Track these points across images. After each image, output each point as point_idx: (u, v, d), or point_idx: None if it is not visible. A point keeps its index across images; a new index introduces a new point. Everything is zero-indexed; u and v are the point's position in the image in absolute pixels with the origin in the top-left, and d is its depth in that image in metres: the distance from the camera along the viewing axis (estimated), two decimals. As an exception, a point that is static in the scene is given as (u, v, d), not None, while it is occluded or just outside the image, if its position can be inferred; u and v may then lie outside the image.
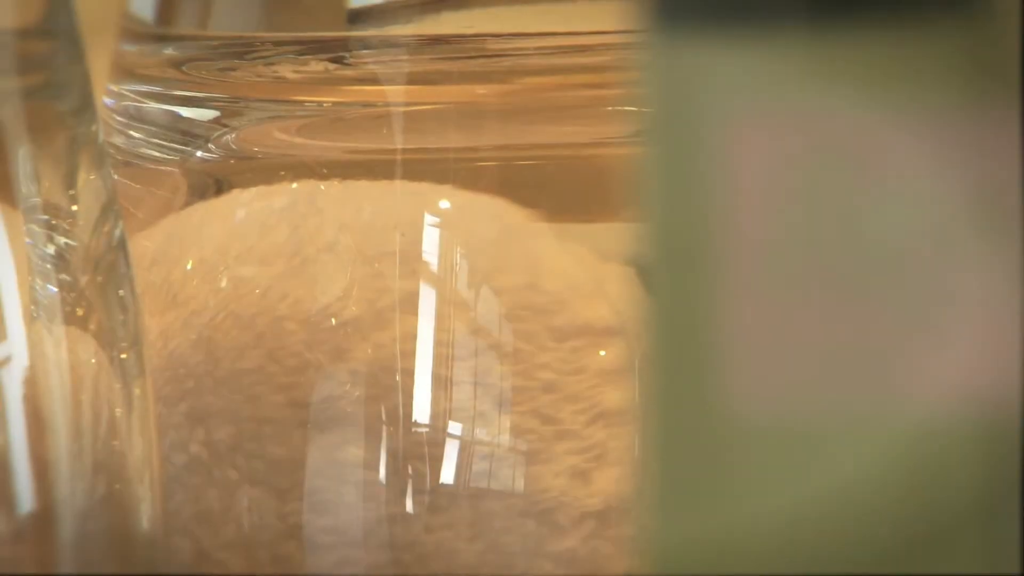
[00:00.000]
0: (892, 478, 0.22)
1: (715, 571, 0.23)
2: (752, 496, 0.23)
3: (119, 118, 0.38)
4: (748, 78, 0.23)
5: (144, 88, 0.36)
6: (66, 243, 0.31)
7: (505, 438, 0.34)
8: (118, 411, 0.33)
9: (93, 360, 0.31)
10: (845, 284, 0.22)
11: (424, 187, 0.34)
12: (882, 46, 0.22)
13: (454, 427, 0.34)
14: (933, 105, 0.22)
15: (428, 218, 0.34)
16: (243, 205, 0.35)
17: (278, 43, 0.35)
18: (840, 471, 0.23)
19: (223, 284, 0.34)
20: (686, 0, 0.23)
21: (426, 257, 0.34)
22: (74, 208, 0.31)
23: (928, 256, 0.22)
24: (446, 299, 0.34)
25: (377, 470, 0.34)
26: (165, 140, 0.36)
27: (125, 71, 0.36)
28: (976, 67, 0.23)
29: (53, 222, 0.31)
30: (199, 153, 0.35)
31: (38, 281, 0.32)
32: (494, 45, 0.34)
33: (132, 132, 0.38)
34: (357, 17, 0.35)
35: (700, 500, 0.23)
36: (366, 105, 0.35)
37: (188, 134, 0.36)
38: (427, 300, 0.34)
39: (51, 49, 0.32)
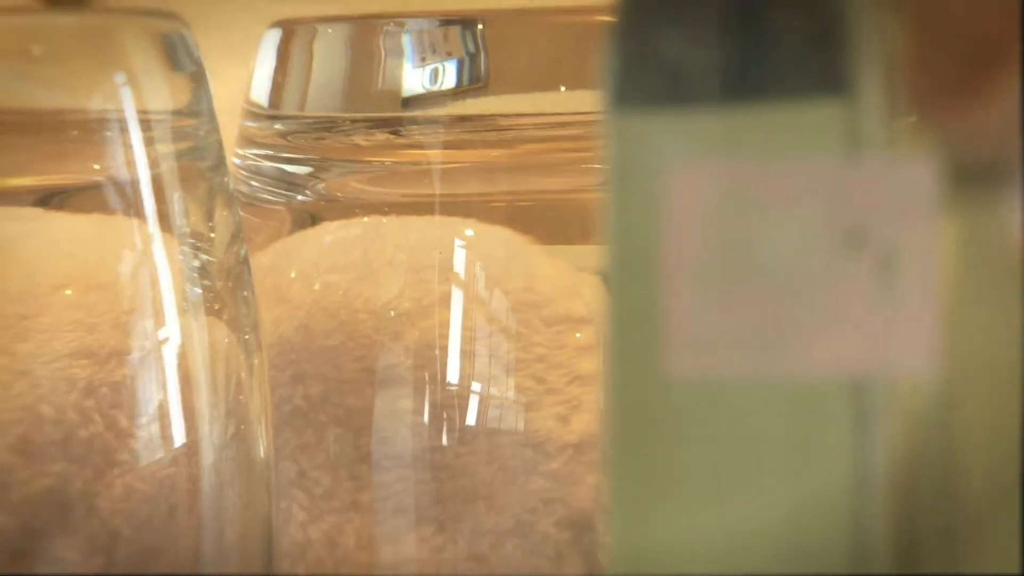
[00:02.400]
0: (786, 425, 0.23)
1: (660, 495, 0.23)
2: (685, 434, 0.23)
3: (243, 172, 0.38)
4: (677, 143, 0.23)
5: (261, 152, 0.36)
6: (207, 259, 0.31)
7: (510, 394, 0.34)
8: (242, 375, 0.33)
9: (226, 340, 0.31)
10: (751, 288, 0.23)
11: (454, 220, 0.34)
12: (775, 119, 0.23)
13: (475, 386, 0.34)
14: (813, 161, 0.23)
15: (457, 242, 0.34)
16: (330, 233, 0.35)
17: (354, 120, 0.35)
18: (748, 419, 0.23)
19: (316, 287, 0.34)
20: (632, 89, 0.23)
21: (456, 269, 0.34)
22: (212, 235, 0.31)
23: (809, 268, 0.23)
24: (470, 298, 0.34)
25: (422, 415, 0.34)
26: (275, 188, 0.36)
27: (248, 140, 0.36)
28: (846, 134, 0.23)
29: (198, 245, 0.31)
30: (299, 197, 0.36)
31: (187, 285, 0.32)
32: (503, 122, 0.34)
33: (252, 182, 0.38)
34: (408, 103, 0.35)
35: (648, 437, 0.24)
36: (414, 164, 0.35)
37: (291, 184, 0.36)
38: (457, 299, 0.34)
39: (195, 124, 0.31)
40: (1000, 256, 0.22)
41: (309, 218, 0.35)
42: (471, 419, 0.34)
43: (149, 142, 0.29)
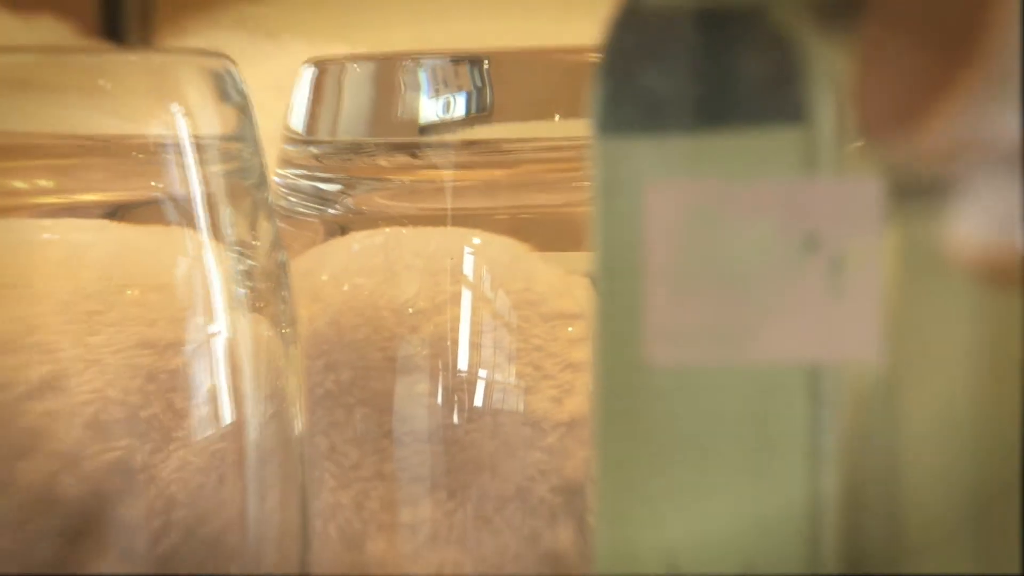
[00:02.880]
0: (748, 405, 0.24)
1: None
2: (662, 412, 0.25)
3: (283, 189, 0.37)
4: (653, 164, 0.24)
5: (298, 172, 0.37)
6: (251, 264, 0.32)
7: (512, 379, 0.34)
8: (281, 363, 0.31)
9: (267, 334, 0.32)
10: (718, 287, 0.24)
11: (464, 231, 0.35)
12: (739, 144, 0.24)
13: (482, 372, 0.34)
14: (773, 180, 0.23)
15: (467, 249, 0.35)
16: (357, 241, 0.36)
17: (377, 145, 0.36)
18: (716, 400, 0.24)
19: (345, 288, 0.35)
20: (615, 118, 0.24)
21: (465, 272, 0.35)
22: (255, 243, 0.32)
23: (769, 270, 0.24)
24: (477, 297, 0.34)
25: (436, 397, 0.34)
26: (310, 203, 0.37)
27: (286, 161, 0.37)
28: (802, 156, 0.23)
29: (243, 251, 0.32)
30: (330, 210, 0.36)
31: (234, 286, 0.32)
32: (506, 146, 0.35)
33: (290, 198, 0.38)
34: (424, 129, 0.35)
35: (630, 415, 0.25)
36: (430, 182, 0.36)
37: (324, 199, 0.36)
38: (466, 298, 0.34)
39: (241, 148, 0.31)
40: (935, 259, 0.23)
41: (339, 229, 0.36)
42: (478, 401, 0.34)
43: (201, 163, 0.30)
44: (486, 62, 0.35)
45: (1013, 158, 0.22)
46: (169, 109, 0.30)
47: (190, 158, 0.30)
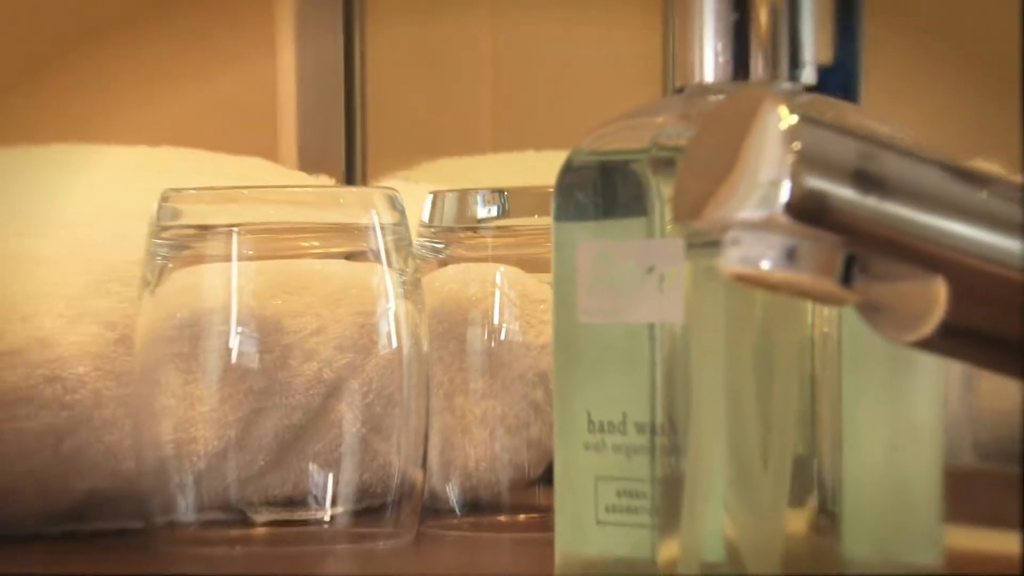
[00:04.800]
0: (623, 342, 0.31)
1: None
2: (582, 344, 0.32)
3: (419, 246, 0.48)
4: (580, 234, 0.31)
5: (424, 239, 0.48)
6: (405, 278, 0.44)
7: (517, 327, 0.47)
8: (417, 321, 0.43)
9: (411, 308, 0.43)
10: (609, 289, 0.30)
11: (496, 265, 0.48)
12: (618, 225, 0.30)
13: (504, 325, 0.47)
14: (633, 241, 0.30)
15: (498, 273, 0.48)
16: (450, 269, 0.48)
17: (458, 227, 0.48)
18: (608, 338, 0.31)
19: (444, 288, 0.49)
20: (563, 213, 0.32)
21: (499, 283, 0.48)
22: (407, 269, 0.43)
23: (632, 282, 0.30)
24: (502, 294, 0.47)
25: (486, 337, 0.48)
26: (429, 252, 0.48)
27: (419, 233, 0.47)
28: (647, 231, 0.30)
29: (401, 272, 0.43)
30: (439, 256, 0.48)
31: (398, 288, 0.44)
32: (516, 227, 0.48)
33: (422, 249, 0.48)
34: (479, 220, 0.48)
35: (569, 346, 0.33)
36: (482, 243, 0.48)
37: (435, 250, 0.48)
38: (496, 294, 0.48)
39: (399, 228, 0.43)
40: (711, 275, 0.28)
41: (442, 263, 0.48)
42: (502, 337, 0.47)
43: (383, 235, 0.43)
44: (506, 192, 0.47)
45: (752, 227, 0.23)
46: (370, 212, 0.43)
47: (379, 232, 0.43)
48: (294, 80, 0.69)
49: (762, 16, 0.31)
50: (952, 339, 0.25)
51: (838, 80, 0.49)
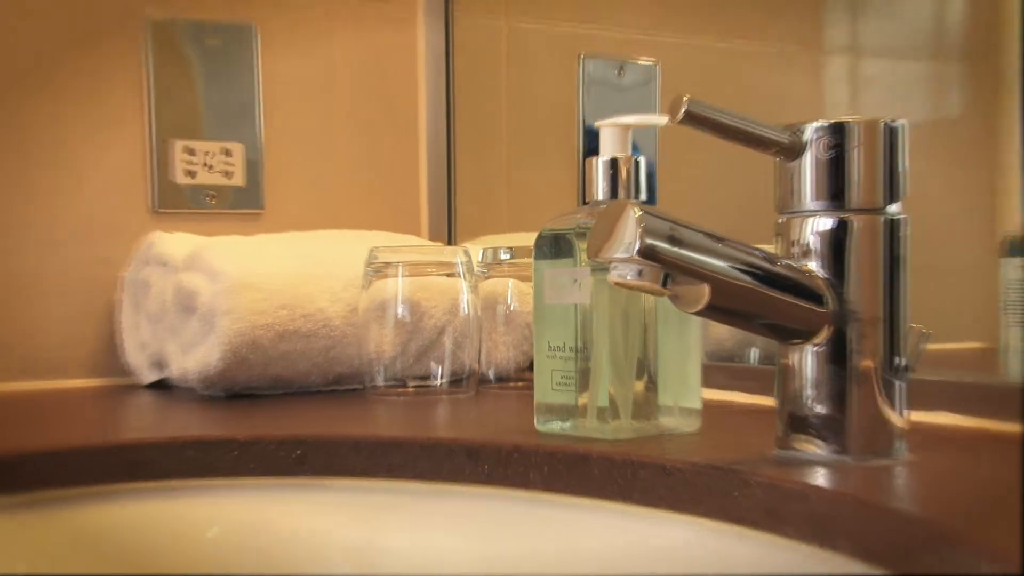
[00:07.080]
0: (563, 313, 0.50)
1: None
2: (546, 317, 0.54)
3: (478, 270, 0.76)
4: (545, 265, 0.52)
5: (479, 269, 0.76)
6: (471, 284, 0.81)
7: (519, 305, 0.82)
8: (475, 302, 0.79)
9: (475, 299, 0.81)
10: (553, 293, 0.51)
11: (513, 279, 0.79)
12: (560, 263, 0.49)
13: (513, 305, 0.84)
14: (568, 269, 0.50)
15: (510, 284, 0.80)
16: (491, 283, 0.80)
17: (490, 264, 0.75)
18: (557, 313, 0.49)
19: (487, 289, 0.81)
20: (538, 255, 0.56)
21: (510, 288, 0.80)
22: (471, 280, 0.83)
23: (571, 289, 0.48)
24: (516, 294, 0.77)
25: (508, 301, 0.84)
26: (480, 273, 0.78)
27: (476, 265, 0.80)
28: (573, 265, 0.50)
29: (466, 280, 0.82)
30: (485, 275, 0.77)
31: (468, 287, 0.80)
32: (518, 263, 0.78)
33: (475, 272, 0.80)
34: (502, 260, 0.75)
35: (542, 318, 0.55)
36: (503, 270, 0.78)
37: (483, 273, 0.78)
38: (513, 292, 0.79)
39: (469, 261, 0.80)
40: (604, 284, 0.49)
41: (487, 278, 0.82)
42: (513, 305, 0.82)
43: (462, 266, 0.81)
44: (512, 247, 0.81)
45: (622, 261, 0.34)
46: (457, 256, 0.84)
47: (460, 265, 0.84)
48: (427, 196, 1.08)
49: (623, 172, 0.57)
50: (711, 312, 0.42)
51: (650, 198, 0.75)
